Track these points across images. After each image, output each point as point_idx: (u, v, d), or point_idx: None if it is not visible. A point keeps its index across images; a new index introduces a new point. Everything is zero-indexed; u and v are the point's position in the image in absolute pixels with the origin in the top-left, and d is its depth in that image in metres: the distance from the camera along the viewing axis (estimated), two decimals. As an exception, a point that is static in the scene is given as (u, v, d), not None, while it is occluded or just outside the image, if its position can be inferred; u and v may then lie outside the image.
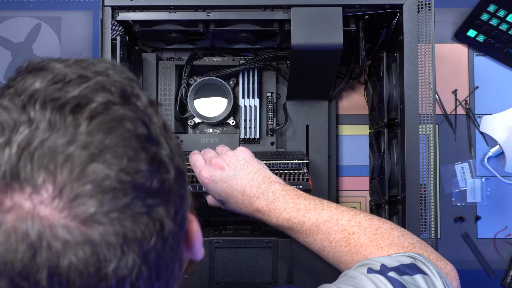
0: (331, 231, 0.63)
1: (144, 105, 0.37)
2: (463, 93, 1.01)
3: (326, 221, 0.64)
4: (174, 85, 0.93)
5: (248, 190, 0.68)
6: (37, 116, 0.32)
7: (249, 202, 0.68)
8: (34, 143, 0.31)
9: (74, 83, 0.35)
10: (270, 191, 0.68)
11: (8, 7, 1.03)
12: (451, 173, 0.99)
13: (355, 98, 1.00)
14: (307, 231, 0.65)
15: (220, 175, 0.69)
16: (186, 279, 0.77)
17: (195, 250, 0.43)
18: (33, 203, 0.31)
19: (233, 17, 0.78)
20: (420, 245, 0.60)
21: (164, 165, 0.36)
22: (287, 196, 0.67)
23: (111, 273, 0.32)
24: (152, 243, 0.34)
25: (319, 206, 0.66)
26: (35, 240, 0.30)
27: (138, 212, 0.33)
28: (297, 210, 0.66)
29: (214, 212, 0.96)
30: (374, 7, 0.77)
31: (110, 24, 0.77)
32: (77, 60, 0.37)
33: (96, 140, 0.32)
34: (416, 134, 0.77)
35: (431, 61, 0.77)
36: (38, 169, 0.31)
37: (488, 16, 0.97)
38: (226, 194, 0.69)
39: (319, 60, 0.79)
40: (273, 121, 0.95)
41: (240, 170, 0.70)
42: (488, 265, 0.97)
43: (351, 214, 0.64)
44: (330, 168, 0.93)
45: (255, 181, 0.69)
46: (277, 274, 0.77)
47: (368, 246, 0.60)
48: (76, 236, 0.31)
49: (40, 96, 0.33)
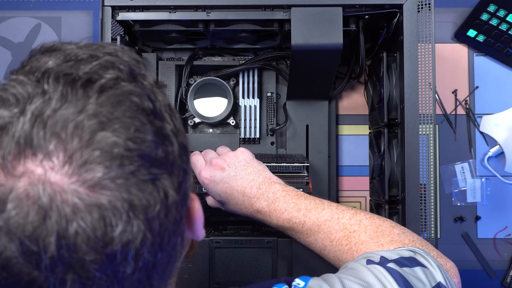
0: (332, 230, 0.63)
1: (151, 84, 0.39)
2: (463, 93, 1.01)
3: (327, 220, 0.64)
4: (174, 85, 0.93)
5: (249, 191, 0.68)
6: (50, 89, 0.34)
7: (249, 203, 0.68)
8: (47, 112, 0.33)
9: (86, 61, 0.36)
10: (271, 192, 0.68)
11: (8, 7, 1.03)
12: (451, 173, 0.99)
13: (355, 98, 1.00)
14: (308, 231, 0.65)
15: (220, 176, 0.69)
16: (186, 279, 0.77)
17: (196, 228, 0.44)
18: (44, 169, 0.32)
19: (233, 17, 0.78)
20: (421, 242, 0.60)
21: (168, 138, 0.37)
22: (288, 197, 0.67)
23: (116, 238, 0.33)
24: (156, 211, 0.35)
25: (319, 206, 0.66)
26: (46, 204, 0.32)
27: (143, 180, 0.34)
28: (297, 210, 0.66)
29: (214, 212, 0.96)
30: (374, 7, 0.77)
31: (110, 24, 0.77)
32: (88, 44, 0.40)
33: (105, 110, 0.34)
34: (416, 134, 0.77)
35: (431, 61, 0.77)
36: (50, 136, 0.32)
37: (488, 16, 0.97)
38: (226, 194, 0.69)
39: (319, 60, 0.79)
40: (273, 121, 0.95)
41: (240, 170, 0.70)
42: (488, 265, 0.97)
43: (351, 213, 0.64)
44: (330, 168, 0.93)
45: (255, 182, 0.69)
46: (277, 274, 0.77)
47: (369, 243, 0.60)
48: (84, 200, 0.32)
49: (54, 71, 0.35)
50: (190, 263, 0.77)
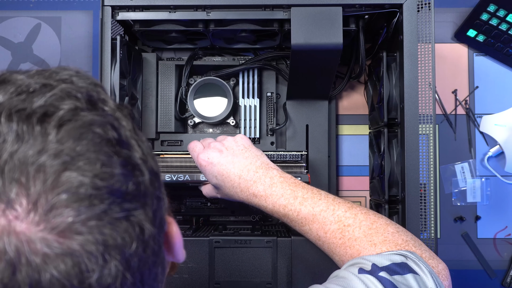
0: (327, 221, 0.63)
1: (112, 109, 0.37)
2: (463, 93, 1.01)
3: (322, 210, 0.64)
4: (174, 85, 0.93)
5: (245, 174, 0.68)
6: (4, 129, 0.31)
7: (245, 186, 0.68)
8: (3, 157, 0.30)
9: (39, 92, 0.33)
10: (268, 176, 0.68)
11: (8, 7, 1.03)
12: (451, 173, 0.99)
13: (355, 98, 1.00)
14: (302, 220, 0.65)
15: (218, 158, 0.70)
16: (186, 278, 0.77)
17: (176, 252, 0.42)
18: (7, 219, 0.30)
19: (233, 16, 0.78)
20: (414, 242, 0.60)
21: (138, 168, 0.35)
22: (285, 183, 0.67)
23: (94, 283, 0.31)
24: (133, 248, 0.33)
25: (316, 196, 0.66)
26: (13, 257, 0.29)
27: (116, 218, 0.32)
28: (294, 198, 0.66)
29: (214, 212, 0.96)
30: (374, 7, 0.77)
31: (110, 24, 0.77)
32: (39, 70, 0.37)
33: (67, 147, 0.32)
34: (416, 134, 0.77)
35: (431, 61, 0.77)
36: (10, 183, 0.30)
37: (488, 16, 0.97)
38: (222, 177, 0.70)
39: (319, 59, 0.79)
40: (273, 121, 0.95)
41: (238, 154, 0.70)
42: (488, 265, 0.97)
43: (347, 206, 0.64)
44: (330, 168, 0.93)
45: (252, 166, 0.69)
46: (277, 274, 0.77)
47: (362, 241, 0.60)
48: (55, 248, 0.30)
49: (5, 108, 0.32)
50: (190, 262, 0.77)
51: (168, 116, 0.92)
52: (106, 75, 0.77)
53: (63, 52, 1.03)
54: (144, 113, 0.92)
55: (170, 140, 0.95)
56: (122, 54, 0.80)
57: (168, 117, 0.92)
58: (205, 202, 0.96)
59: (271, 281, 0.77)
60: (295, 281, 0.76)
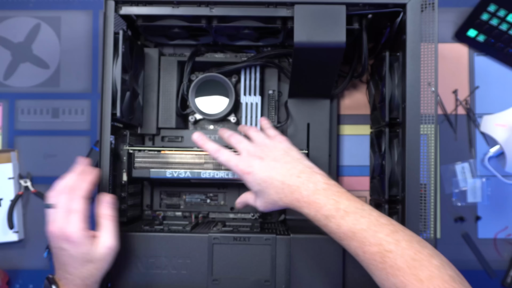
0: (366, 242, 0.61)
1: None
2: (464, 93, 1.01)
3: (363, 229, 0.61)
4: (176, 80, 0.93)
5: (288, 179, 0.67)
6: None
7: (289, 191, 0.67)
8: None
9: None
10: (311, 182, 0.66)
11: (7, 7, 1.03)
12: (452, 173, 0.99)
13: (357, 97, 1.00)
14: (341, 235, 0.63)
15: (259, 165, 0.69)
16: (184, 275, 0.77)
17: None
18: None
19: (236, 13, 0.78)
20: (459, 278, 0.58)
21: None
22: (329, 191, 0.65)
23: None
24: None
25: (359, 211, 0.63)
26: None
27: None
28: (336, 210, 0.64)
29: (213, 208, 0.96)
30: (378, 6, 0.77)
31: (113, 18, 0.77)
32: None
33: None
34: (418, 134, 0.77)
35: (433, 61, 0.77)
36: None
37: (489, 16, 0.98)
38: (266, 184, 0.69)
39: (322, 58, 0.79)
40: (274, 119, 0.95)
41: (279, 159, 0.69)
42: (489, 265, 0.98)
43: (390, 229, 0.61)
44: (330, 167, 0.93)
45: (295, 170, 0.68)
46: (275, 271, 0.77)
47: (406, 273, 0.58)
48: None
49: None
50: (189, 259, 0.77)
51: (169, 112, 0.92)
52: (108, 69, 0.76)
53: (63, 52, 1.02)
54: (145, 108, 0.92)
55: (170, 136, 0.94)
56: (125, 49, 0.79)
57: (169, 113, 0.92)
58: (204, 198, 0.96)
59: (269, 279, 0.77)
60: (293, 279, 0.76)
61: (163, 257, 0.77)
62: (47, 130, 1.01)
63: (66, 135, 1.01)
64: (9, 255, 0.99)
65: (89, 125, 1.01)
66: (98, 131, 0.77)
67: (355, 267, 0.76)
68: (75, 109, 1.01)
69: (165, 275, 0.77)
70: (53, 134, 1.01)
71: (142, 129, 0.92)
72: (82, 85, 1.02)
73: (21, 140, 1.01)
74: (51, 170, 1.00)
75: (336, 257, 0.76)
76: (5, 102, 1.02)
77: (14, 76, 1.02)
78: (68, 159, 1.00)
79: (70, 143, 1.01)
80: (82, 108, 1.01)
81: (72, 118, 1.01)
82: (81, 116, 1.01)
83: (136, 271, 0.77)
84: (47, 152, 1.01)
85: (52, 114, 1.01)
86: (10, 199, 0.98)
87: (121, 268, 0.77)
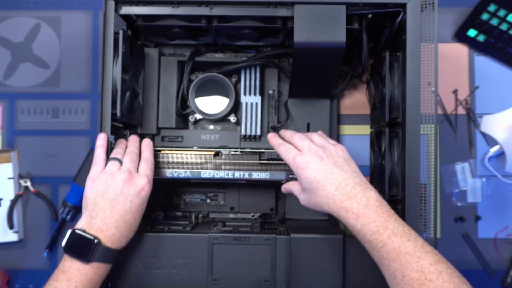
0: (408, 266, 0.61)
1: None
2: (464, 93, 1.01)
3: (407, 253, 0.61)
4: (176, 80, 0.93)
5: (343, 187, 0.67)
6: None
7: (339, 199, 0.66)
8: None
9: None
10: (365, 196, 0.66)
11: (7, 7, 1.03)
12: (452, 173, 0.99)
13: (357, 97, 1.00)
14: (385, 254, 0.63)
15: (317, 164, 0.69)
16: (184, 274, 0.77)
17: None
18: None
19: (236, 13, 0.78)
20: None
21: None
22: (380, 209, 0.65)
23: None
24: None
25: (406, 235, 0.63)
26: None
27: None
28: (384, 228, 0.63)
29: (214, 208, 0.96)
30: (378, 6, 0.77)
31: (113, 18, 0.77)
32: None
33: None
34: (418, 134, 0.77)
35: (433, 61, 0.77)
36: None
37: (489, 16, 0.98)
38: (319, 184, 0.68)
39: (322, 58, 0.79)
40: (274, 118, 0.95)
41: (338, 165, 0.69)
42: (489, 265, 0.98)
43: (434, 259, 0.61)
44: (330, 166, 0.93)
45: (351, 180, 0.67)
46: (275, 272, 0.77)
47: None
48: None
49: None
50: (189, 259, 0.77)
51: (169, 112, 0.92)
52: (108, 69, 0.76)
53: (63, 52, 1.02)
54: (146, 108, 0.92)
55: (170, 136, 0.94)
56: (125, 49, 0.79)
57: (169, 113, 0.92)
58: (204, 198, 0.96)
59: (269, 279, 0.77)
60: (293, 279, 0.76)
61: (163, 257, 0.77)
62: (47, 130, 1.01)
63: (66, 135, 1.01)
64: (9, 255, 0.99)
65: (89, 125, 1.01)
66: (98, 131, 0.77)
67: (355, 267, 0.76)
68: (75, 109, 1.01)
69: (165, 275, 0.77)
70: (53, 134, 1.01)
71: (142, 129, 0.92)
72: (82, 85, 1.02)
73: (21, 140, 1.01)
74: (51, 170, 1.00)
75: (336, 257, 0.76)
76: (5, 102, 1.02)
77: (14, 76, 1.02)
78: (68, 159, 1.00)
79: (70, 143, 1.01)
80: (82, 108, 1.01)
81: (72, 118, 1.01)
82: (81, 116, 1.01)
83: (136, 271, 0.77)
84: (47, 152, 1.01)
85: (52, 114, 1.01)
86: (10, 199, 0.98)
87: (121, 268, 0.77)
